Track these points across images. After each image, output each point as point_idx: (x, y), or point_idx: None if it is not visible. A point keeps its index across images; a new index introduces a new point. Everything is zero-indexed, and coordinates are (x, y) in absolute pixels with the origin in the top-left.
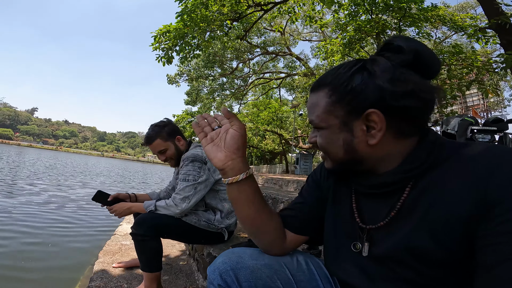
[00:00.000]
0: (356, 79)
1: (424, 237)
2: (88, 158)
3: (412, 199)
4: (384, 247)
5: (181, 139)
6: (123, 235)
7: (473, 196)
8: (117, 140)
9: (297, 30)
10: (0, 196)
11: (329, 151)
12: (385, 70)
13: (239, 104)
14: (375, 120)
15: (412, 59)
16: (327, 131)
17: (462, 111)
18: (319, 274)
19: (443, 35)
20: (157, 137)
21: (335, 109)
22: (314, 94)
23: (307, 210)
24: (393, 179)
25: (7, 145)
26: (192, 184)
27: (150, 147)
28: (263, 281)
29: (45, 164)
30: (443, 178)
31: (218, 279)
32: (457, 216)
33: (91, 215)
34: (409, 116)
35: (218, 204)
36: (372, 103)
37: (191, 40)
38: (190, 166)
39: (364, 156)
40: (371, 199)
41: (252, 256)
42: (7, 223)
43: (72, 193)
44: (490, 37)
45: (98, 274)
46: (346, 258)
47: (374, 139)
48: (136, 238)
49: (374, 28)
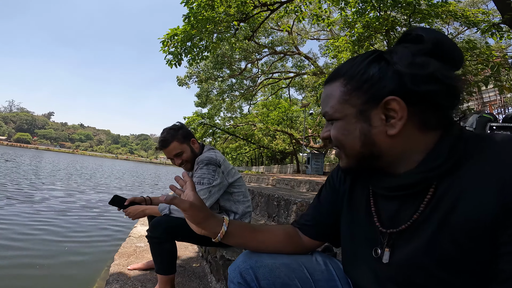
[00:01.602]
0: (373, 68)
1: (448, 243)
2: (104, 160)
3: (436, 201)
4: (405, 253)
5: (196, 142)
6: (138, 237)
7: (498, 201)
8: (130, 142)
9: (305, 29)
10: (24, 198)
11: (344, 144)
12: (404, 57)
13: (249, 104)
14: (395, 108)
15: (431, 47)
16: (342, 121)
17: (479, 107)
18: (338, 275)
19: (455, 31)
20: (173, 139)
21: (351, 98)
22: (328, 86)
23: (324, 216)
24: (415, 180)
25: (25, 149)
26: (207, 188)
27: (165, 151)
28: (281, 279)
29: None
30: (466, 179)
31: (238, 277)
32: (480, 222)
33: (107, 217)
34: (433, 103)
35: (233, 206)
36: (391, 91)
37: (199, 42)
38: (204, 169)
39: (383, 149)
40: (390, 202)
41: (270, 255)
42: (27, 225)
43: (94, 197)
44: (504, 32)
45: (114, 276)
46: (363, 263)
47: (394, 128)
48: (152, 240)
49: (383, 25)
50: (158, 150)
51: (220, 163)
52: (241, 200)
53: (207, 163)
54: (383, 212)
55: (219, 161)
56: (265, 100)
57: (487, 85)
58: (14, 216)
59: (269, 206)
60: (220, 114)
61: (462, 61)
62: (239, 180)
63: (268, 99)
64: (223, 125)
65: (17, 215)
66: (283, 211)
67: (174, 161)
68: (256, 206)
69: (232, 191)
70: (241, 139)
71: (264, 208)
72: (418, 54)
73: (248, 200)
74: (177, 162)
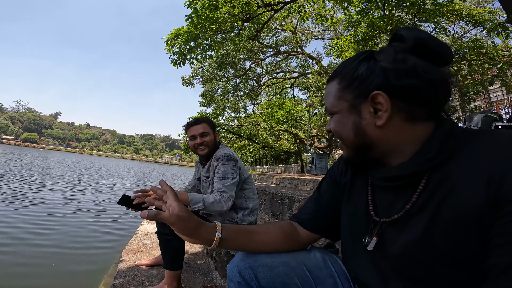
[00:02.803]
0: (363, 66)
1: (438, 234)
2: (110, 160)
3: (428, 193)
4: (398, 243)
5: (217, 137)
6: (144, 234)
7: (486, 193)
8: (136, 142)
9: (309, 29)
10: (32, 198)
11: (341, 135)
12: (388, 55)
13: (253, 104)
14: (380, 102)
15: (412, 45)
16: (338, 115)
17: (486, 107)
18: (337, 271)
19: (462, 30)
20: (205, 121)
21: (344, 94)
22: (328, 84)
23: (323, 209)
24: (407, 172)
25: (33, 149)
26: (233, 183)
27: (193, 128)
28: (280, 278)
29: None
30: (457, 172)
31: (237, 276)
32: (469, 214)
33: (114, 215)
34: (416, 97)
35: (243, 202)
36: (377, 86)
37: (203, 41)
38: (227, 165)
39: (373, 139)
40: (386, 192)
41: (269, 253)
42: (35, 224)
43: (102, 197)
44: (510, 31)
45: (122, 272)
46: (359, 254)
47: (380, 120)
48: (161, 237)
49: (387, 24)
50: (186, 128)
51: (237, 159)
52: (251, 197)
53: (227, 158)
54: (379, 202)
55: (236, 158)
56: (269, 100)
57: (492, 84)
58: (22, 216)
59: (273, 204)
60: (225, 114)
61: (450, 58)
62: (250, 177)
63: (272, 99)
64: (227, 124)
65: (26, 214)
66: (287, 209)
67: (197, 140)
68: (260, 204)
69: (245, 187)
70: (245, 139)
71: (268, 206)
72: (400, 51)
73: (256, 197)
74: (200, 141)
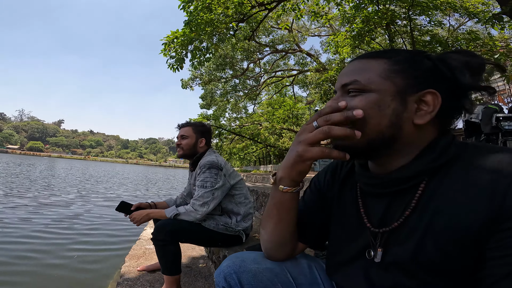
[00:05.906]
0: (427, 61)
1: (431, 246)
2: (115, 165)
3: (426, 199)
4: (394, 253)
5: (203, 142)
6: (147, 239)
7: (487, 209)
8: (139, 146)
9: (305, 26)
10: (37, 204)
11: (369, 118)
12: (460, 61)
13: (253, 104)
14: (428, 101)
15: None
16: (375, 94)
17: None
18: (322, 277)
19: (457, 23)
20: (190, 126)
21: (396, 76)
22: (364, 60)
23: (308, 218)
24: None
25: (39, 157)
26: (210, 190)
27: (179, 131)
28: (264, 284)
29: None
30: (456, 184)
31: (223, 282)
32: (467, 228)
33: (119, 222)
34: (456, 111)
35: (234, 207)
36: (435, 85)
37: (200, 44)
38: (207, 173)
39: (403, 135)
40: (380, 200)
41: (254, 260)
42: (39, 230)
43: (104, 203)
44: (505, 22)
45: (124, 277)
46: (353, 265)
47: (422, 119)
48: (157, 243)
49: (382, 19)
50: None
51: (222, 166)
52: (242, 202)
53: (209, 167)
54: (372, 211)
55: (220, 164)
56: (269, 99)
57: (491, 75)
58: (26, 223)
59: None
60: (225, 115)
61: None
62: (240, 182)
63: (273, 97)
64: (228, 125)
65: (28, 220)
66: None
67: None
68: (260, 206)
69: (234, 193)
70: (247, 139)
71: None
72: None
73: (249, 202)
74: (178, 142)
